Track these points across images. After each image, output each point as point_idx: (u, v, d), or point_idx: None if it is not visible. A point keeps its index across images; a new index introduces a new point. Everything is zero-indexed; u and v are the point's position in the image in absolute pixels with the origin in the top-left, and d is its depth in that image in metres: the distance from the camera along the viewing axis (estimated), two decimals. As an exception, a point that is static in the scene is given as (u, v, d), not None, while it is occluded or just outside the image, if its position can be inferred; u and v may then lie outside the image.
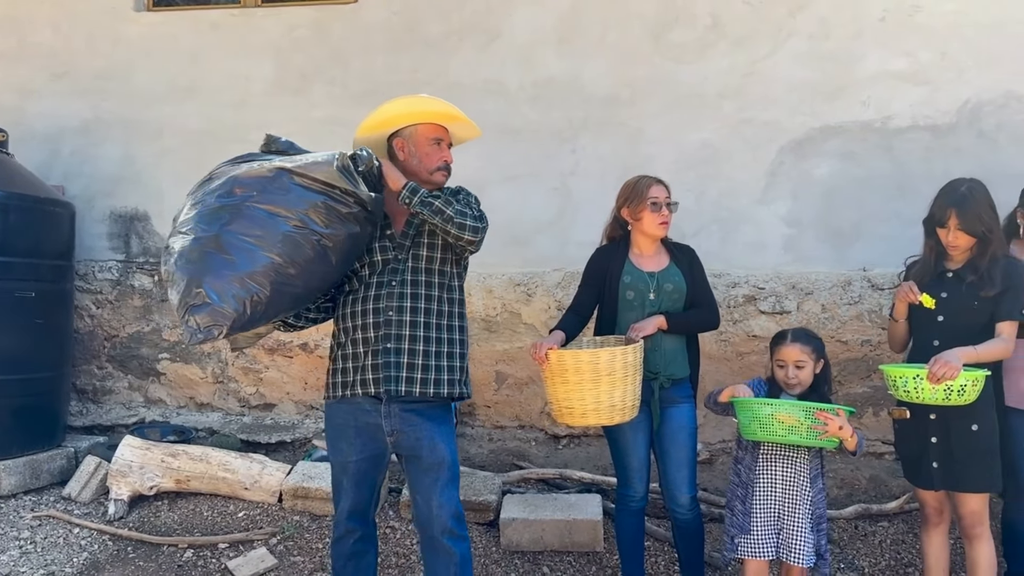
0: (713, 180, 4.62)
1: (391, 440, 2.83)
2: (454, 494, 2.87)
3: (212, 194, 2.58)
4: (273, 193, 2.53)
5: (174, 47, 5.15)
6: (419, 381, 2.80)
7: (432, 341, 2.85)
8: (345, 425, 2.87)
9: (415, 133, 2.94)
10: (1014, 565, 3.31)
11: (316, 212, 2.55)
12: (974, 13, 4.49)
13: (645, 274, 3.31)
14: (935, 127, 4.53)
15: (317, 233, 2.55)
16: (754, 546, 2.93)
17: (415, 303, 2.84)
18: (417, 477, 2.86)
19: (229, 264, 2.45)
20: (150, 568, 3.71)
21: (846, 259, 4.63)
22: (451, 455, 2.87)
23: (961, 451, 2.90)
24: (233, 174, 2.59)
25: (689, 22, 4.66)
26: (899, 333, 3.19)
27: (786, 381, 2.96)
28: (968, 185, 3.06)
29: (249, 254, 2.47)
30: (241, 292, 2.45)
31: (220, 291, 2.45)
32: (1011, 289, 2.92)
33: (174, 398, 5.20)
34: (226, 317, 2.44)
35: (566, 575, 3.68)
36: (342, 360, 2.88)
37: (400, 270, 2.86)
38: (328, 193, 2.57)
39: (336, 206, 2.58)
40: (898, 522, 3.98)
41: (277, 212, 2.51)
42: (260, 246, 2.49)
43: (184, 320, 2.44)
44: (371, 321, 2.83)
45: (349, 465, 2.87)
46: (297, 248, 2.53)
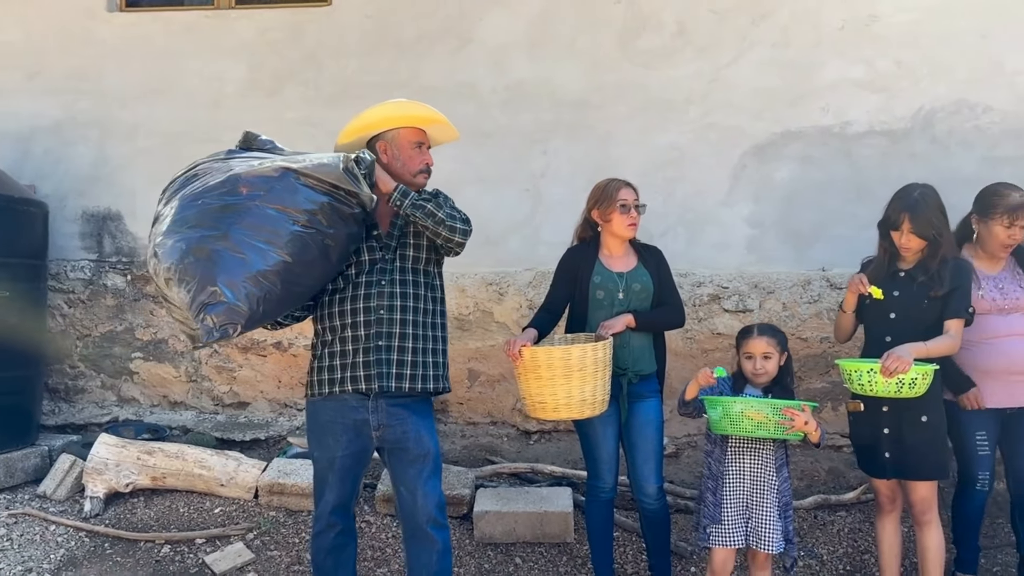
0: (679, 183, 4.77)
1: (377, 434, 2.92)
2: (438, 485, 2.98)
3: (211, 192, 2.60)
4: (281, 193, 2.59)
5: (147, 48, 5.17)
6: (408, 377, 2.91)
7: (419, 338, 2.95)
8: (332, 421, 2.95)
9: (397, 137, 3.03)
10: (963, 551, 3.49)
11: (323, 212, 2.62)
12: (928, 24, 4.68)
13: (614, 274, 3.43)
14: (891, 133, 4.71)
15: (322, 233, 2.63)
16: (724, 535, 3.06)
17: (404, 302, 2.93)
18: (402, 469, 2.96)
19: (242, 263, 2.50)
20: (128, 563, 3.76)
21: (806, 259, 4.80)
22: (435, 447, 2.99)
23: (912, 441, 3.06)
24: (235, 172, 2.63)
25: (656, 29, 4.79)
26: (846, 324, 3.35)
27: (754, 372, 3.09)
28: (920, 191, 3.22)
29: (261, 253, 2.53)
30: (255, 290, 2.51)
31: (235, 289, 2.49)
32: (959, 289, 3.09)
33: (147, 397, 5.23)
34: (241, 315, 2.50)
35: (538, 565, 3.79)
36: (329, 358, 2.95)
37: (388, 270, 2.95)
38: (333, 194, 2.64)
39: (340, 207, 2.66)
40: (855, 512, 4.15)
41: (286, 212, 2.57)
42: (271, 245, 2.55)
43: (200, 319, 2.48)
44: (361, 320, 2.91)
45: (336, 460, 2.96)
46: (305, 247, 2.61)
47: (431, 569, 2.97)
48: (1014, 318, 3.31)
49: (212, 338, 2.51)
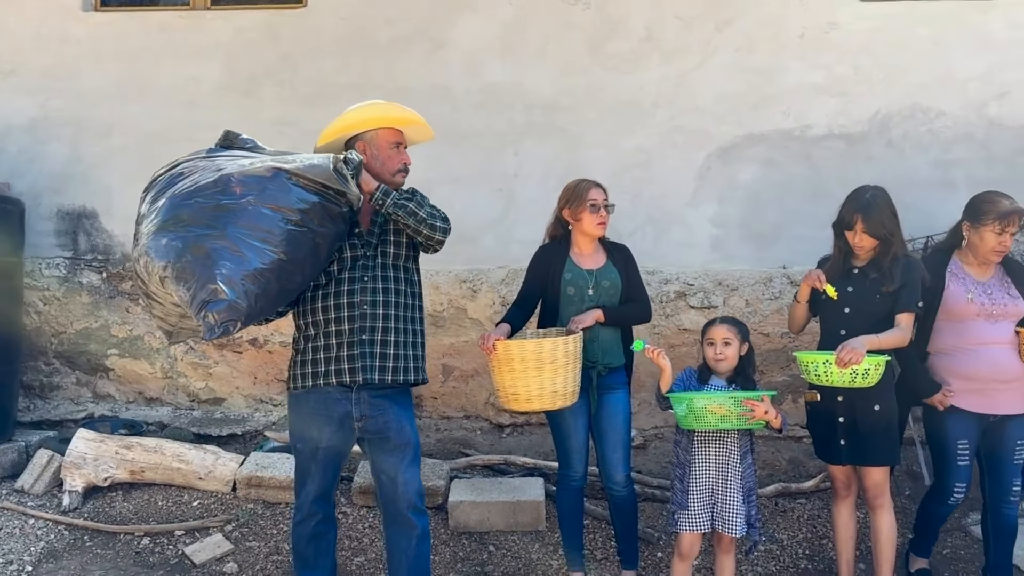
0: (647, 183, 4.92)
1: (359, 425, 3.04)
2: (417, 472, 3.12)
3: (205, 191, 2.67)
4: (274, 192, 2.68)
5: (122, 47, 5.21)
6: (391, 369, 3.03)
7: (401, 332, 3.08)
8: (315, 413, 3.05)
9: (376, 137, 3.14)
10: (920, 538, 3.66)
11: (314, 211, 2.72)
12: (884, 31, 4.88)
13: (584, 271, 3.57)
14: (849, 136, 4.91)
15: (313, 231, 2.73)
16: (690, 521, 3.22)
17: (387, 297, 3.06)
18: (384, 457, 3.08)
19: (241, 261, 2.58)
20: (108, 555, 3.83)
21: (767, 258, 4.98)
22: (415, 437, 3.13)
23: (865, 429, 3.24)
24: (227, 172, 2.70)
25: (624, 35, 4.94)
26: (799, 315, 3.51)
27: (715, 358, 3.25)
28: (872, 193, 3.39)
29: (258, 251, 2.61)
30: (253, 287, 2.60)
31: (234, 287, 2.57)
32: (909, 284, 3.27)
33: (123, 393, 5.27)
34: (241, 312, 2.58)
35: (511, 552, 3.92)
36: (313, 352, 3.05)
37: (371, 266, 3.06)
38: (323, 194, 2.75)
39: (330, 206, 2.77)
40: (814, 499, 4.33)
41: (280, 211, 2.66)
42: (267, 243, 2.63)
43: (202, 316, 2.55)
44: (345, 315, 3.02)
45: (319, 451, 3.06)
46: (298, 245, 2.70)
47: (410, 553, 3.10)
48: (1002, 325, 3.39)
49: (214, 335, 2.58)
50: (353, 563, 3.82)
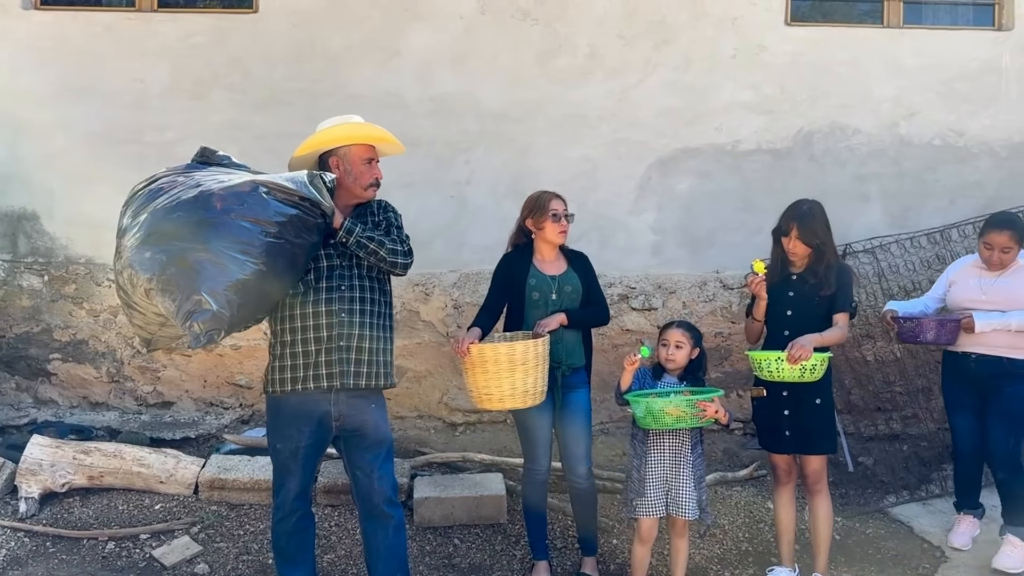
0: (592, 192, 5.19)
1: (337, 424, 3.18)
2: (391, 468, 3.31)
3: (186, 206, 2.77)
4: (253, 206, 2.79)
5: (65, 47, 5.13)
6: (366, 375, 3.18)
7: (375, 339, 3.22)
8: (295, 414, 3.18)
9: (349, 153, 3.29)
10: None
11: (291, 224, 2.84)
12: (807, 54, 5.30)
13: (548, 277, 3.80)
14: (775, 151, 5.31)
15: (291, 243, 2.85)
16: (647, 506, 3.49)
17: (363, 305, 3.20)
18: (360, 454, 3.24)
19: (223, 272, 2.69)
20: (74, 561, 3.82)
21: (702, 262, 5.33)
22: (389, 435, 3.32)
23: (808, 421, 3.58)
24: (207, 188, 2.82)
25: (571, 51, 5.20)
26: (756, 329, 3.83)
27: (666, 358, 3.54)
28: (809, 205, 3.73)
29: (239, 263, 2.72)
30: (235, 298, 2.71)
31: (217, 298, 2.68)
32: (843, 287, 3.63)
33: (66, 398, 5.19)
34: (225, 321, 2.70)
35: (475, 545, 4.11)
36: (291, 357, 3.17)
37: (347, 276, 3.19)
38: (300, 206, 2.87)
39: (306, 218, 2.89)
40: (749, 487, 4.69)
41: (259, 223, 2.77)
42: (248, 255, 2.74)
43: (187, 326, 2.67)
44: (324, 322, 3.14)
45: (300, 450, 3.19)
46: (276, 256, 2.82)
47: (388, 543, 3.28)
48: None
49: (199, 343, 2.71)
50: (324, 560, 3.93)
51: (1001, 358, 3.89)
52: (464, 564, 3.97)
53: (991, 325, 3.86)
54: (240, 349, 5.18)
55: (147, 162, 5.00)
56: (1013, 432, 3.88)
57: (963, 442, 4.07)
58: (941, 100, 5.36)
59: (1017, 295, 3.87)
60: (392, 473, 3.30)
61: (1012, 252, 3.89)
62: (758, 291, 3.66)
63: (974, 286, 4.00)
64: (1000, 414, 3.88)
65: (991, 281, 3.96)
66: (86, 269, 5.16)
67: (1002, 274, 3.94)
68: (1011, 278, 3.92)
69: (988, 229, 3.94)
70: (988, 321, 3.87)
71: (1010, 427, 3.88)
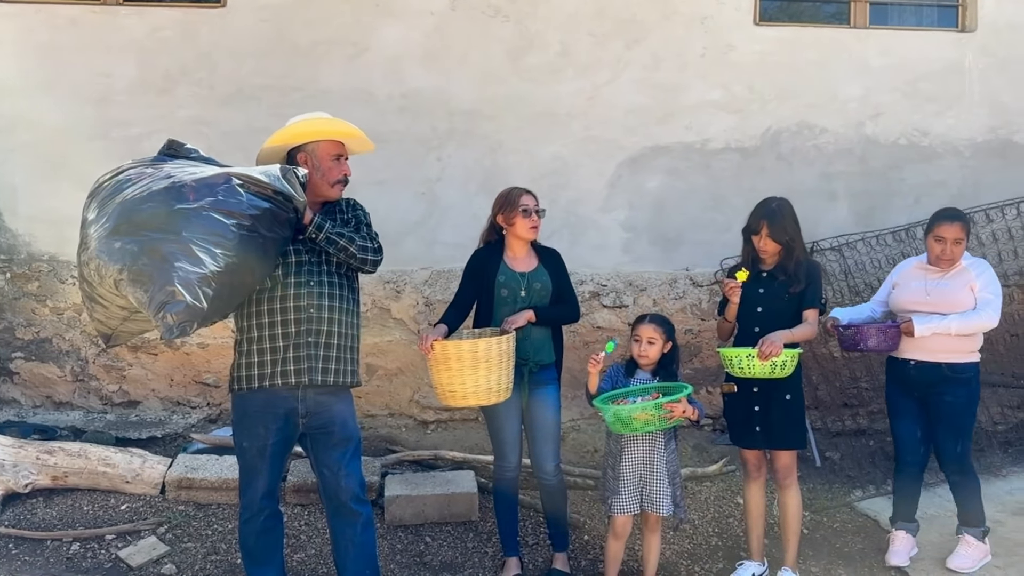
0: (563, 189, 5.20)
1: (304, 421, 3.16)
2: (359, 465, 3.28)
3: (158, 197, 2.73)
4: (227, 198, 2.76)
5: (29, 41, 5.03)
6: (333, 371, 3.16)
7: (343, 335, 3.21)
8: (262, 412, 3.14)
9: (317, 149, 3.26)
10: None
11: (264, 217, 2.81)
12: (776, 54, 5.36)
13: (517, 274, 3.79)
14: (744, 149, 5.36)
15: (263, 236, 2.82)
16: (622, 504, 3.50)
17: (332, 302, 3.17)
18: (326, 452, 3.21)
19: (197, 264, 2.66)
20: (37, 562, 3.75)
21: (672, 260, 5.37)
22: (357, 432, 3.29)
23: (778, 416, 3.61)
24: (180, 179, 2.78)
25: (542, 49, 5.20)
26: (728, 329, 3.85)
27: (639, 354, 3.55)
28: (778, 203, 3.77)
29: (212, 255, 2.69)
30: (207, 290, 2.67)
31: (191, 289, 2.65)
32: (812, 284, 3.67)
33: (29, 397, 5.10)
34: (198, 313, 2.66)
35: (447, 543, 4.10)
36: (258, 354, 3.13)
37: (316, 271, 3.17)
38: (273, 200, 2.84)
39: (279, 212, 2.87)
40: (718, 482, 4.73)
41: (232, 216, 2.74)
42: (221, 247, 2.71)
43: (160, 318, 2.62)
44: (292, 318, 3.11)
45: (267, 448, 3.15)
46: (248, 249, 2.79)
47: (356, 540, 3.26)
48: None
49: (172, 335, 2.66)
50: (293, 560, 3.90)
51: (940, 364, 3.78)
52: (435, 562, 3.96)
53: (931, 329, 3.73)
54: (207, 347, 5.12)
55: (112, 158, 4.87)
56: (960, 436, 3.82)
57: (905, 450, 3.96)
58: (906, 100, 5.45)
59: (959, 297, 3.77)
60: (359, 470, 3.28)
61: (963, 244, 3.79)
62: (732, 295, 3.68)
63: (918, 288, 3.87)
64: (944, 421, 3.81)
65: (935, 282, 3.83)
66: (49, 266, 5.07)
67: (945, 275, 3.82)
68: (953, 280, 3.81)
69: (938, 222, 3.82)
70: (927, 325, 3.74)
71: (956, 432, 3.81)
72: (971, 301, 3.77)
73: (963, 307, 3.77)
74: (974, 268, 3.82)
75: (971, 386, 3.83)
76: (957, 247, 3.79)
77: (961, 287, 3.79)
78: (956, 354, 3.79)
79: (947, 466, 3.90)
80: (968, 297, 3.77)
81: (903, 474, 3.99)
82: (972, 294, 3.77)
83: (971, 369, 3.82)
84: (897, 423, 3.98)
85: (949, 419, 3.81)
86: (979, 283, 3.78)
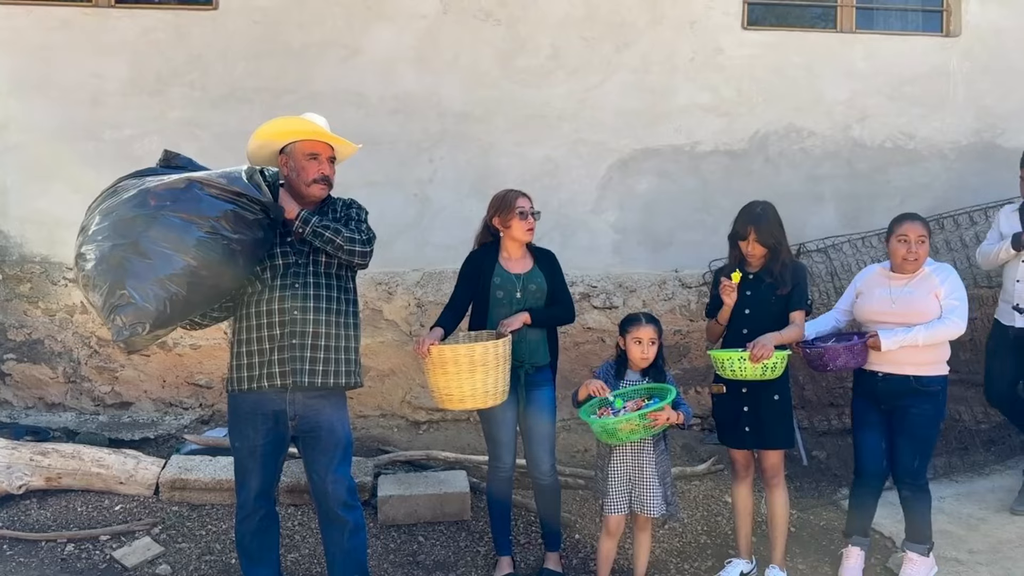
0: (554, 191, 5.25)
1: (293, 424, 3.19)
2: (347, 470, 3.28)
3: (125, 204, 2.82)
4: (186, 202, 2.81)
5: (20, 42, 5.04)
6: (321, 373, 3.17)
7: (332, 336, 3.20)
8: (253, 413, 3.19)
9: (294, 149, 3.27)
10: None
11: (226, 219, 2.83)
12: (763, 57, 5.42)
13: (513, 276, 3.83)
14: (732, 152, 5.42)
15: (227, 238, 2.84)
16: (613, 504, 3.56)
17: (317, 303, 3.18)
18: (315, 457, 3.24)
19: (149, 267, 2.73)
20: (32, 563, 3.77)
21: (662, 261, 5.43)
22: (347, 436, 3.29)
23: (766, 416, 3.67)
24: (145, 187, 2.85)
25: (533, 52, 5.25)
26: (718, 331, 3.90)
27: (643, 357, 3.58)
28: (762, 207, 3.82)
29: (167, 258, 2.75)
30: (161, 292, 2.73)
31: (142, 292, 2.72)
32: (798, 286, 3.73)
33: (21, 399, 5.11)
34: (148, 315, 2.72)
35: (439, 542, 4.14)
36: (248, 356, 3.18)
37: (302, 273, 3.19)
38: (236, 202, 2.87)
39: (244, 213, 2.88)
40: (707, 481, 4.79)
41: (191, 219, 2.79)
42: (176, 250, 2.76)
43: (111, 320, 2.71)
44: (277, 320, 3.14)
45: (257, 449, 3.20)
46: (209, 252, 2.82)
47: (344, 546, 3.28)
48: None
49: (122, 336, 2.74)
50: (287, 559, 3.93)
51: (908, 376, 3.72)
52: (428, 561, 4.00)
53: (898, 342, 3.66)
54: (200, 349, 5.15)
55: (104, 159, 4.99)
56: (919, 452, 3.76)
57: (866, 461, 3.87)
58: (892, 103, 5.52)
59: (925, 305, 3.70)
60: (348, 475, 3.28)
61: (927, 243, 3.74)
62: (728, 296, 3.72)
63: (882, 297, 3.81)
64: (906, 434, 3.74)
65: (900, 290, 3.77)
66: (42, 268, 5.08)
67: (910, 282, 3.76)
68: (918, 287, 3.75)
69: (899, 223, 3.80)
70: (894, 338, 3.67)
71: (916, 447, 3.75)
72: (937, 309, 3.69)
73: (929, 315, 3.69)
74: (938, 274, 3.75)
75: (938, 400, 3.76)
76: (921, 246, 3.72)
77: (926, 295, 3.72)
78: (924, 367, 3.72)
79: (901, 480, 3.81)
80: (933, 305, 3.70)
81: (862, 487, 3.89)
82: (937, 301, 3.70)
83: (939, 382, 3.75)
84: (861, 434, 3.88)
85: (912, 432, 3.73)
86: (943, 289, 3.70)
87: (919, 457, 3.76)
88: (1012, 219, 4.59)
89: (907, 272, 3.76)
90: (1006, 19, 5.58)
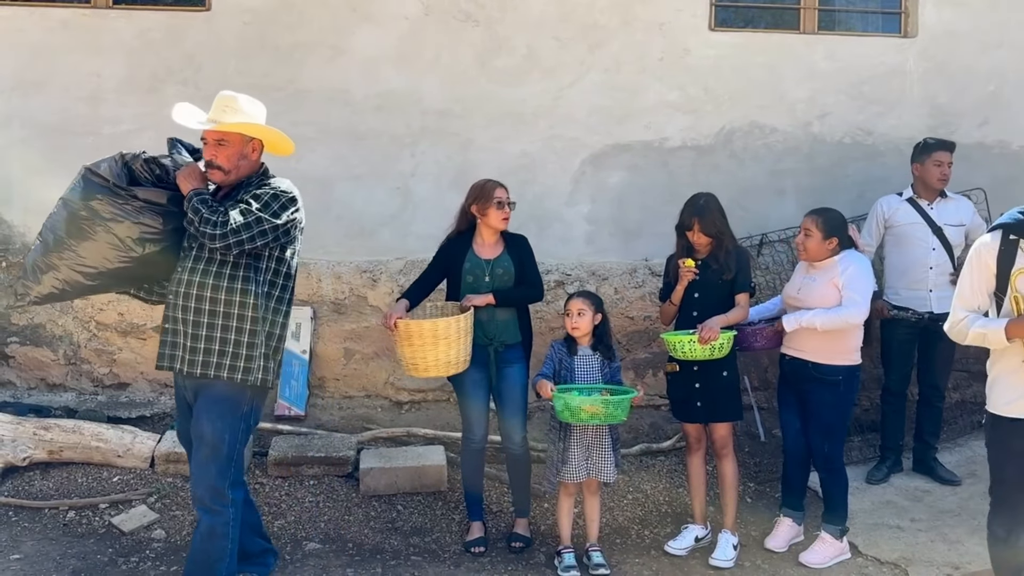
0: (530, 185, 5.53)
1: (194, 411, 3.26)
2: (211, 469, 3.14)
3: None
4: (73, 190, 3.15)
5: (22, 41, 5.29)
6: (200, 363, 3.11)
7: (215, 327, 3.11)
8: (179, 397, 3.43)
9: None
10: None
11: (99, 203, 3.07)
12: (729, 57, 5.70)
13: (482, 261, 4.14)
14: (699, 148, 5.70)
15: (103, 220, 3.06)
16: (572, 472, 3.87)
17: (201, 291, 3.12)
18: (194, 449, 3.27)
19: (38, 249, 3.16)
20: (36, 528, 4.06)
21: (632, 251, 5.71)
22: (213, 434, 3.13)
23: (716, 392, 3.98)
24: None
25: (509, 52, 5.52)
26: (672, 312, 4.21)
27: (571, 326, 3.93)
28: (705, 199, 4.12)
29: (45, 240, 3.14)
30: (42, 267, 3.11)
31: (31, 267, 3.15)
32: (742, 270, 4.05)
33: (23, 380, 5.38)
34: (29, 288, 3.14)
35: (417, 511, 4.45)
36: (161, 335, 3.29)
37: (191, 258, 3.17)
38: (109, 187, 3.10)
39: (116, 200, 3.08)
40: (672, 456, 5.10)
41: (69, 203, 3.12)
42: (53, 232, 3.11)
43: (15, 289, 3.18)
44: (170, 302, 3.22)
45: (185, 434, 3.41)
46: (82, 235, 3.08)
47: (193, 546, 3.26)
48: None
49: (17, 302, 3.24)
50: (275, 525, 4.22)
51: (807, 362, 3.91)
52: (406, 527, 4.30)
53: (795, 322, 3.86)
54: (194, 333, 5.41)
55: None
56: (827, 436, 3.94)
57: (788, 440, 4.12)
58: (851, 101, 5.80)
59: (823, 293, 3.88)
60: (210, 475, 3.13)
61: (812, 236, 3.91)
62: (686, 278, 4.01)
63: (794, 284, 4.09)
64: (812, 418, 3.96)
65: (807, 278, 4.00)
66: (43, 256, 5.34)
67: (817, 272, 3.96)
68: (820, 276, 3.93)
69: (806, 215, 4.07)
70: (793, 319, 3.88)
71: (823, 431, 3.93)
72: (835, 298, 3.84)
73: (827, 303, 3.85)
74: (841, 263, 3.91)
75: (838, 389, 3.90)
76: (807, 239, 3.95)
77: (825, 283, 3.90)
78: (821, 354, 3.88)
79: (815, 461, 4.05)
80: (832, 293, 3.86)
81: (788, 461, 4.16)
82: (837, 291, 3.85)
83: (839, 372, 3.88)
84: (781, 413, 4.17)
85: (816, 418, 3.95)
86: (842, 280, 3.86)
87: (828, 441, 3.96)
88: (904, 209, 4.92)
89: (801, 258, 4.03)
90: (960, 21, 5.86)
